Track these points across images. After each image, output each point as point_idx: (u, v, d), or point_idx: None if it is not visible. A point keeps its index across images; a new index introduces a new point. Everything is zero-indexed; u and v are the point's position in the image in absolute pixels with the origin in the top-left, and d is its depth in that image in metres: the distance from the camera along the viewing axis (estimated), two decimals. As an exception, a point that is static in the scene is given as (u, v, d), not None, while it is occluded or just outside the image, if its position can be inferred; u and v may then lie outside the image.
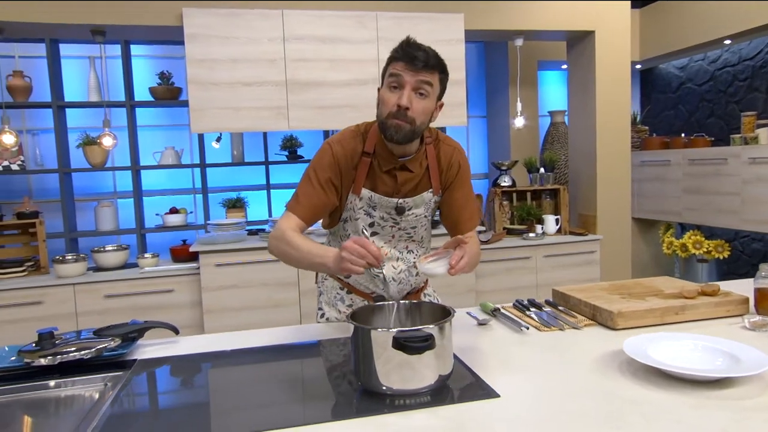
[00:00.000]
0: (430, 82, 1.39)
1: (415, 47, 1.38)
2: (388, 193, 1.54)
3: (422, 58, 1.36)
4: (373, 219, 1.58)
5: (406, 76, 1.37)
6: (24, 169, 4.09)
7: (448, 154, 1.58)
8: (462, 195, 1.61)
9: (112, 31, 3.42)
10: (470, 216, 1.63)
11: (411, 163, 1.52)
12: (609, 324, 1.52)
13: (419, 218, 1.60)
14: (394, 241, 1.63)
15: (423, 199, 1.57)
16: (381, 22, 3.48)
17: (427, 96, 1.41)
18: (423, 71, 1.37)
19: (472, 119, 5.16)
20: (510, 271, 3.82)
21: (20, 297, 3.16)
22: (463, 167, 1.61)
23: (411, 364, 1.08)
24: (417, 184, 1.56)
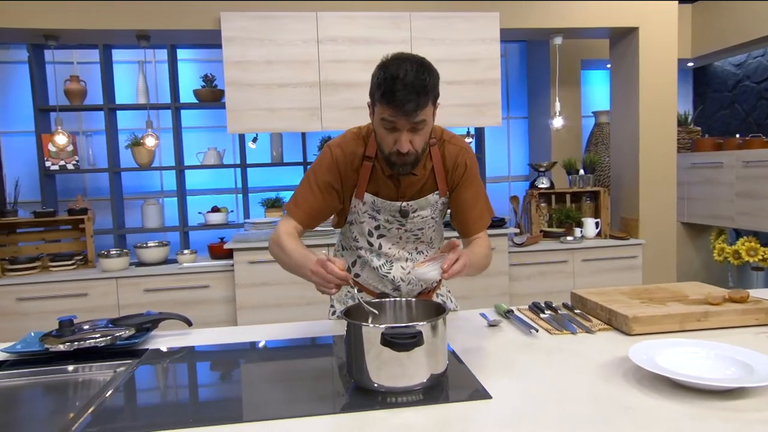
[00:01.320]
0: (424, 119, 1.33)
1: (403, 92, 1.26)
2: (391, 196, 1.52)
3: (413, 107, 1.27)
4: (378, 222, 1.57)
5: (399, 122, 1.31)
6: (78, 169, 4.32)
7: (454, 154, 1.54)
8: (470, 195, 1.56)
9: (156, 36, 3.56)
10: (479, 216, 1.59)
11: (416, 167, 1.47)
12: (624, 329, 1.46)
13: (426, 220, 1.58)
14: (402, 242, 1.61)
15: (428, 201, 1.54)
16: (415, 22, 3.47)
17: (425, 125, 1.35)
18: (412, 115, 1.29)
19: (513, 120, 5.07)
20: (546, 275, 3.73)
21: (68, 289, 3.33)
22: (470, 167, 1.56)
23: (400, 361, 1.08)
24: (421, 186, 1.53)
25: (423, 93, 1.28)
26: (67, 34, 3.48)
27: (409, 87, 1.26)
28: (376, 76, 1.33)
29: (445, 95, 3.54)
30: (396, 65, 1.30)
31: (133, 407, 1.13)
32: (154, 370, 1.33)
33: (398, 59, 1.32)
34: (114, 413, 1.07)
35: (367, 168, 1.50)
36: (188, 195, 4.55)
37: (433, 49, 3.50)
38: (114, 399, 1.14)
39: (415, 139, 1.35)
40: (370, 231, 1.59)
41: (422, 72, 1.29)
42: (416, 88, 1.27)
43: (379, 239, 1.60)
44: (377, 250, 1.61)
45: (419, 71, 1.29)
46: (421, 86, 1.28)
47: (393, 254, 1.61)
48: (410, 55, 1.34)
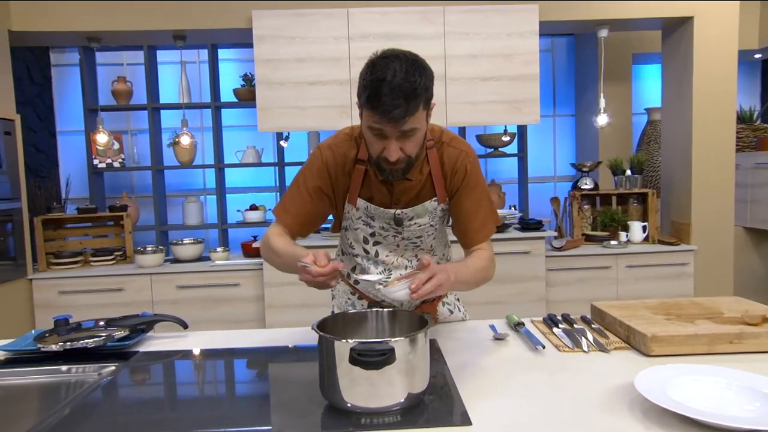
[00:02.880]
0: (414, 127, 1.22)
1: (390, 97, 1.15)
2: (385, 203, 1.41)
3: (401, 113, 1.16)
4: (373, 229, 1.47)
5: (387, 129, 1.21)
6: (123, 167, 4.46)
7: (453, 157, 1.41)
8: (471, 203, 1.43)
9: (192, 36, 3.60)
10: (480, 225, 1.45)
11: (411, 172, 1.36)
12: (642, 349, 1.32)
13: (424, 228, 1.46)
14: (400, 250, 1.51)
15: (425, 208, 1.43)
16: (448, 16, 3.35)
17: (417, 131, 1.24)
18: (400, 122, 1.18)
19: (560, 118, 4.85)
20: (586, 281, 3.53)
21: (106, 283, 3.43)
22: (471, 172, 1.42)
23: (371, 379, 0.99)
24: (418, 192, 1.41)
25: (412, 97, 1.17)
26: (108, 36, 3.57)
27: (397, 91, 1.15)
28: (363, 77, 1.23)
29: (479, 92, 3.47)
30: (383, 65, 1.19)
31: (97, 414, 1.10)
32: (136, 374, 1.30)
33: (387, 58, 1.21)
34: (74, 420, 1.04)
35: (360, 172, 1.40)
36: (228, 193, 4.61)
37: (467, 44, 3.37)
38: (81, 404, 1.11)
39: (406, 146, 1.25)
40: (366, 238, 1.50)
41: (412, 73, 1.18)
42: (405, 92, 1.16)
43: (375, 246, 1.50)
44: (374, 257, 1.51)
45: (409, 72, 1.18)
46: (411, 90, 1.16)
47: (391, 262, 1.52)
48: (401, 53, 1.23)
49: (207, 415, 1.06)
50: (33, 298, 3.42)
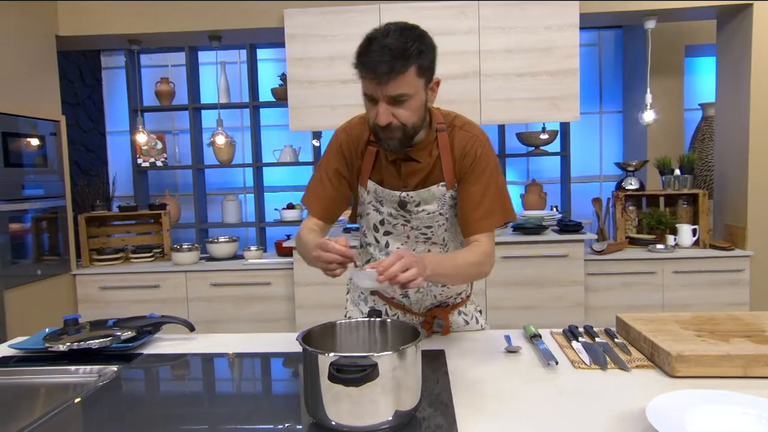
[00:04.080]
0: (404, 93, 1.19)
1: (377, 54, 1.15)
2: (394, 186, 1.38)
3: (386, 68, 1.14)
4: (382, 216, 1.43)
5: (375, 92, 1.20)
6: (165, 166, 4.57)
7: (463, 141, 1.35)
8: (477, 190, 1.35)
9: (227, 36, 3.63)
10: (484, 215, 1.35)
11: (417, 153, 1.34)
12: (666, 369, 1.20)
13: (433, 216, 1.40)
14: (411, 242, 1.45)
15: (432, 193, 1.37)
16: (483, 10, 3.24)
17: (409, 98, 1.21)
18: (391, 82, 1.17)
19: (606, 115, 4.64)
20: (629, 287, 3.34)
21: (143, 280, 3.52)
22: (481, 158, 1.35)
23: (353, 396, 0.93)
24: (426, 176, 1.36)
25: (400, 56, 1.15)
26: (147, 38, 3.66)
27: (386, 48, 1.14)
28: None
29: (515, 88, 3.35)
30: (380, 28, 1.19)
31: (83, 419, 1.09)
32: (133, 378, 1.29)
33: (388, 24, 1.20)
34: (60, 424, 1.03)
35: (372, 153, 1.39)
36: (266, 192, 4.65)
37: (503, 38, 3.25)
38: (72, 408, 1.10)
39: (398, 113, 1.22)
40: (376, 225, 1.46)
41: (406, 36, 1.16)
42: (393, 51, 1.14)
43: (386, 236, 1.46)
44: (385, 248, 1.47)
45: (402, 34, 1.16)
46: (400, 49, 1.14)
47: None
48: (403, 22, 1.21)
49: (191, 426, 1.03)
50: (76, 292, 3.55)
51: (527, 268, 3.29)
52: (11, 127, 3.06)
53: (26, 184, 3.18)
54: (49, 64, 3.47)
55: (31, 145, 3.23)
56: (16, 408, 1.20)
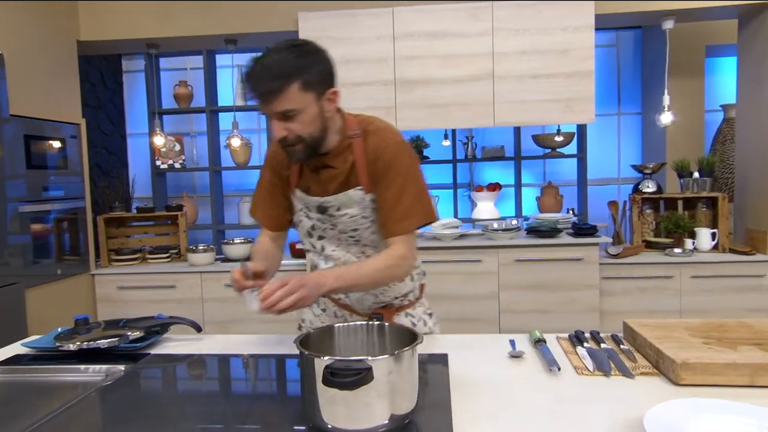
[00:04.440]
0: (289, 108, 1.24)
1: (255, 76, 1.22)
2: (317, 192, 1.44)
3: (266, 88, 1.21)
4: (312, 221, 1.48)
5: (265, 111, 1.27)
6: (184, 168, 4.64)
7: (375, 146, 1.38)
8: (391, 194, 1.37)
9: (243, 40, 3.68)
10: (400, 218, 1.37)
11: (333, 160, 1.40)
12: (671, 377, 1.18)
13: (356, 219, 1.43)
14: (343, 244, 1.49)
15: (350, 197, 1.41)
16: (497, 12, 3.23)
17: (298, 113, 1.26)
18: (274, 101, 1.23)
19: (624, 116, 4.57)
20: (646, 292, 3.28)
21: (160, 280, 3.57)
22: (392, 162, 1.36)
23: (347, 400, 0.93)
24: (343, 181, 1.41)
25: (279, 76, 1.20)
26: (165, 42, 3.72)
27: (266, 69, 1.21)
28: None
29: (529, 90, 3.33)
30: (269, 49, 1.25)
31: (85, 417, 1.11)
32: (138, 378, 1.31)
33: (278, 43, 1.26)
34: (63, 423, 1.06)
35: (297, 163, 1.45)
36: (282, 193, 4.67)
37: (517, 40, 3.23)
38: (75, 407, 1.13)
39: (292, 127, 1.28)
40: (309, 231, 1.51)
41: (286, 53, 1.22)
42: (272, 70, 1.21)
43: (320, 241, 1.51)
44: (321, 252, 1.52)
45: (283, 52, 1.22)
46: (279, 68, 1.21)
47: (338, 257, 1.49)
48: (292, 40, 1.28)
49: (188, 426, 1.05)
50: (95, 292, 3.62)
51: (541, 271, 3.26)
52: (34, 130, 3.13)
53: (48, 186, 3.26)
54: (70, 68, 3.55)
55: (53, 148, 3.31)
56: (25, 405, 1.23)
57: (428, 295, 1.69)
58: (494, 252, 3.27)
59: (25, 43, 3.11)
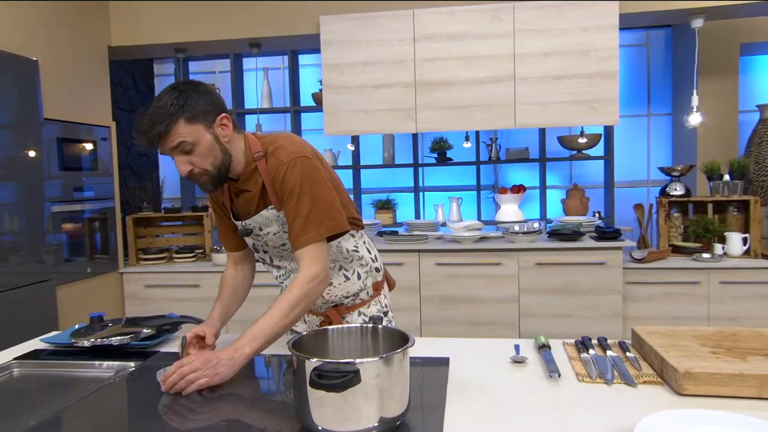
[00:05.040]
0: (181, 142, 1.29)
1: (142, 132, 1.28)
2: (242, 215, 1.50)
3: (152, 134, 1.27)
4: (251, 241, 1.54)
5: (163, 152, 1.33)
6: (211, 169, 4.73)
7: (273, 167, 1.40)
8: (290, 209, 1.39)
9: (267, 44, 3.74)
10: (299, 231, 1.37)
11: (245, 183, 1.44)
12: (674, 386, 1.15)
13: (279, 235, 1.48)
14: (285, 256, 1.54)
15: (266, 217, 1.45)
16: (519, 13, 3.19)
17: (193, 146, 1.31)
18: (166, 142, 1.29)
19: (654, 117, 4.46)
20: (672, 298, 3.20)
21: (185, 279, 3.66)
22: (285, 179, 1.37)
23: (336, 402, 0.94)
24: (257, 203, 1.46)
25: (160, 120, 1.26)
26: (192, 47, 3.81)
27: (150, 118, 1.27)
28: None
29: (551, 91, 3.30)
30: (154, 100, 1.32)
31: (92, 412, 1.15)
32: (144, 375, 1.35)
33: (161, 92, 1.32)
34: (67, 416, 1.10)
35: (225, 190, 1.51)
36: (306, 195, 4.72)
37: (539, 41, 3.19)
38: (83, 402, 1.17)
39: (194, 160, 1.33)
40: (254, 248, 1.58)
41: (165, 98, 1.28)
42: (153, 118, 1.27)
43: (266, 254, 1.57)
44: (270, 263, 1.59)
45: (166, 97, 1.28)
46: (159, 114, 1.27)
47: (284, 266, 1.57)
48: (177, 83, 1.34)
49: (189, 424, 1.08)
50: (123, 290, 3.73)
51: (563, 275, 3.21)
52: (66, 133, 3.25)
53: (79, 187, 3.38)
54: (101, 73, 3.67)
55: (85, 150, 3.43)
56: (39, 398, 1.28)
57: (446, 297, 1.71)
58: (514, 255, 3.24)
59: (58, 50, 3.23)
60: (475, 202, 4.39)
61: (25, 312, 2.82)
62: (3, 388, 1.34)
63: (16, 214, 2.84)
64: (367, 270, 1.59)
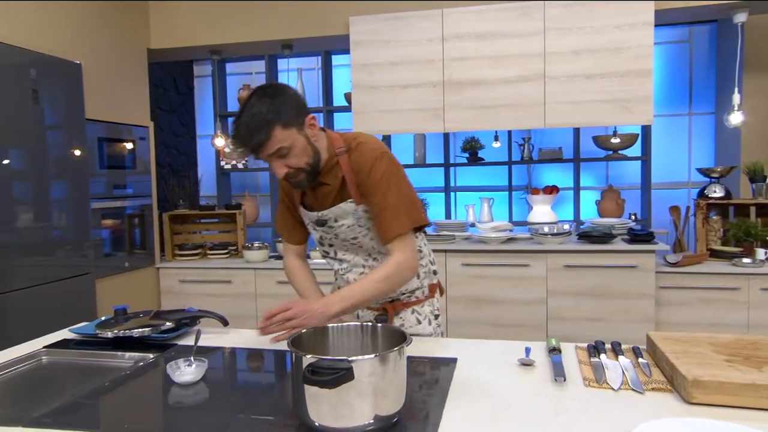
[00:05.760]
0: (279, 148, 1.36)
1: (241, 140, 1.36)
2: (316, 207, 1.57)
3: (254, 144, 1.34)
4: (318, 233, 1.61)
5: (261, 158, 1.40)
6: (246, 168, 4.84)
7: (357, 161, 1.49)
8: (377, 202, 1.48)
9: (298, 45, 3.79)
10: (389, 222, 1.47)
11: (325, 177, 1.52)
12: (682, 394, 1.12)
13: (353, 228, 1.55)
14: (351, 250, 1.62)
15: (343, 210, 1.52)
16: (550, 11, 3.14)
17: (289, 149, 1.38)
18: (265, 149, 1.36)
19: (697, 117, 4.30)
20: (709, 303, 3.08)
21: (217, 275, 3.76)
22: (372, 172, 1.47)
23: (330, 399, 0.95)
24: (336, 195, 1.53)
25: (260, 128, 1.33)
26: (226, 48, 3.91)
27: (244, 126, 1.34)
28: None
29: (582, 90, 3.23)
30: (244, 103, 1.37)
31: (101, 401, 1.20)
32: (159, 366, 1.40)
33: (248, 96, 1.38)
34: (80, 404, 1.15)
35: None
36: (338, 193, 4.77)
37: (570, 39, 3.13)
38: (100, 389, 1.23)
39: (290, 161, 1.40)
40: (319, 240, 1.64)
41: (258, 106, 1.33)
42: (250, 127, 1.33)
43: (331, 247, 1.64)
44: (334, 256, 1.66)
45: (255, 106, 1.33)
46: (258, 121, 1.33)
47: (349, 259, 1.63)
48: (257, 88, 1.39)
49: (191, 415, 1.11)
50: (159, 284, 3.86)
51: (593, 278, 3.14)
52: (106, 133, 3.39)
53: (118, 185, 3.52)
54: (141, 74, 3.81)
55: (124, 149, 3.57)
56: (63, 385, 1.35)
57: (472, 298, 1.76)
58: (543, 256, 3.19)
59: (100, 53, 3.37)
60: (507, 203, 4.34)
61: (66, 303, 2.96)
62: (30, 374, 1.42)
63: (65, 211, 2.99)
64: (426, 270, 1.68)
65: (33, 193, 2.79)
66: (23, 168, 2.73)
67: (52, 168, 2.88)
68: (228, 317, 1.71)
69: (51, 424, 1.06)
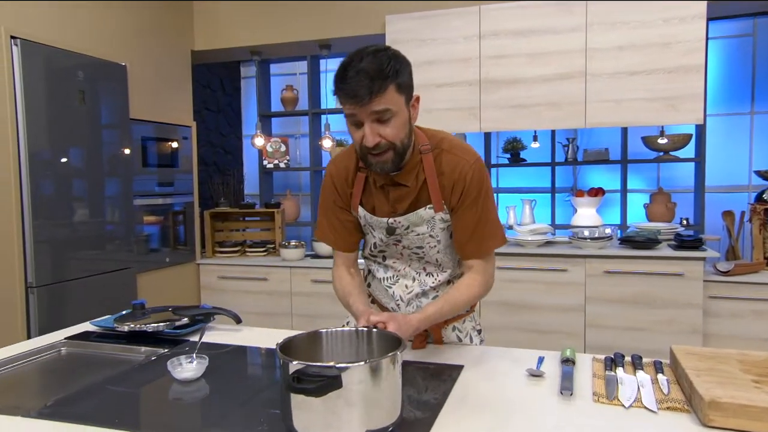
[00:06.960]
0: (387, 108, 1.19)
1: (355, 79, 1.16)
2: (384, 211, 1.39)
3: (365, 91, 1.16)
4: (375, 239, 1.45)
5: (359, 114, 1.20)
6: (288, 167, 4.91)
7: (452, 165, 1.33)
8: (472, 216, 1.34)
9: (336, 45, 3.80)
10: (482, 240, 1.35)
11: (404, 177, 1.34)
12: (699, 416, 1.03)
13: (423, 237, 1.39)
14: (405, 259, 1.45)
15: (420, 216, 1.36)
16: (592, 6, 3.01)
17: (393, 116, 1.21)
18: (373, 102, 1.18)
19: (759, 116, 4.02)
20: (762, 315, 2.87)
21: (254, 272, 3.82)
22: (472, 183, 1.32)
23: (316, 408, 0.91)
24: (413, 200, 1.36)
25: (378, 77, 1.17)
26: (265, 49, 3.97)
27: (362, 72, 1.17)
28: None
29: (625, 88, 3.09)
30: (354, 55, 1.21)
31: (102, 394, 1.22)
32: (166, 360, 1.42)
33: (360, 49, 1.22)
34: (82, 396, 1.18)
35: (360, 180, 1.41)
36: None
37: (613, 35, 2.99)
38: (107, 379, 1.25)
39: (385, 131, 1.22)
40: (372, 247, 1.49)
41: (380, 57, 1.19)
42: (370, 73, 1.16)
43: (382, 253, 1.48)
44: (382, 261, 1.50)
45: (376, 57, 1.19)
46: (377, 70, 1.17)
47: (399, 269, 1.48)
48: (375, 45, 1.24)
49: (186, 413, 1.12)
50: (199, 280, 3.96)
51: (634, 285, 2.98)
52: (152, 133, 3.51)
53: (161, 182, 3.63)
54: (185, 75, 3.92)
55: (168, 148, 3.68)
56: (80, 374, 1.39)
57: (507, 303, 1.67)
58: (582, 261, 3.06)
59: (145, 56, 3.49)
60: (550, 205, 4.20)
61: (108, 296, 3.08)
62: (48, 364, 1.47)
63: (116, 207, 3.14)
64: None
65: (88, 190, 2.96)
66: (79, 166, 2.89)
67: (102, 166, 3.03)
68: (263, 314, 1.69)
69: (49, 415, 1.08)
